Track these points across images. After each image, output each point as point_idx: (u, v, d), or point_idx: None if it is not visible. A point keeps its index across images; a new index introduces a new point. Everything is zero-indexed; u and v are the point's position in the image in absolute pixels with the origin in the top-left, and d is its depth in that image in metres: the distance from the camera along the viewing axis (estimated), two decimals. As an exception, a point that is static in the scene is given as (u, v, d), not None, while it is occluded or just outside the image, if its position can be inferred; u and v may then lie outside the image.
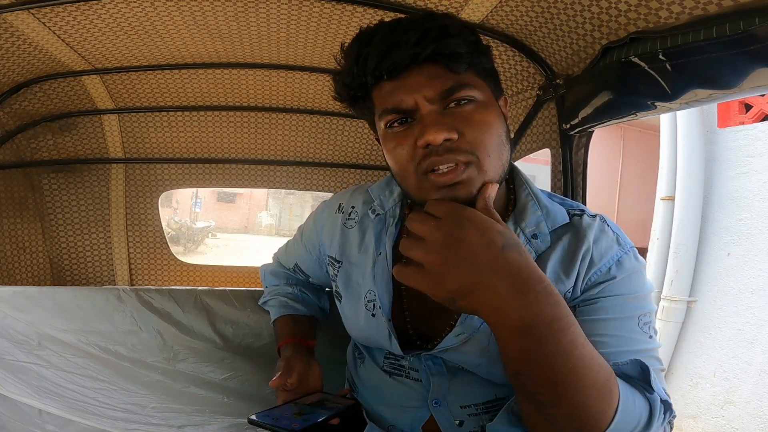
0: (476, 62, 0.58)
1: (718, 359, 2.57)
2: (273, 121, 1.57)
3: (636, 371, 0.55)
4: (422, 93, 0.56)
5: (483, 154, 0.56)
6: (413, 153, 0.57)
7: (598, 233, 0.63)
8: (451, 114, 0.56)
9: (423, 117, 0.56)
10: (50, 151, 1.46)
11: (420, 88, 0.56)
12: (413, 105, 0.56)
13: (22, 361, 0.93)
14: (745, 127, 2.64)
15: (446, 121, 0.55)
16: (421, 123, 0.56)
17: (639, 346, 0.58)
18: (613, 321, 0.59)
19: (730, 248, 2.61)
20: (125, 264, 1.63)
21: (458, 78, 0.56)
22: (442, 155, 0.54)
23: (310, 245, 0.87)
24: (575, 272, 0.62)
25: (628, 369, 0.55)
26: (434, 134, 0.54)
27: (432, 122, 0.55)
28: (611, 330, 0.58)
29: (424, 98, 0.56)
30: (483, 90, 0.59)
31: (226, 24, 1.05)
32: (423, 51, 0.55)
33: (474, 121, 0.56)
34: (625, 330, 0.58)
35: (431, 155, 0.55)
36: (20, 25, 0.98)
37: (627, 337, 0.58)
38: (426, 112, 0.56)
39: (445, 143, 0.54)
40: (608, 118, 0.89)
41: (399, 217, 0.73)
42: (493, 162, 0.57)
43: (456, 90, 0.56)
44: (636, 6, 0.70)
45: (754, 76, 0.60)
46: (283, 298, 0.92)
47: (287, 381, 0.72)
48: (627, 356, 0.56)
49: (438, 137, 0.54)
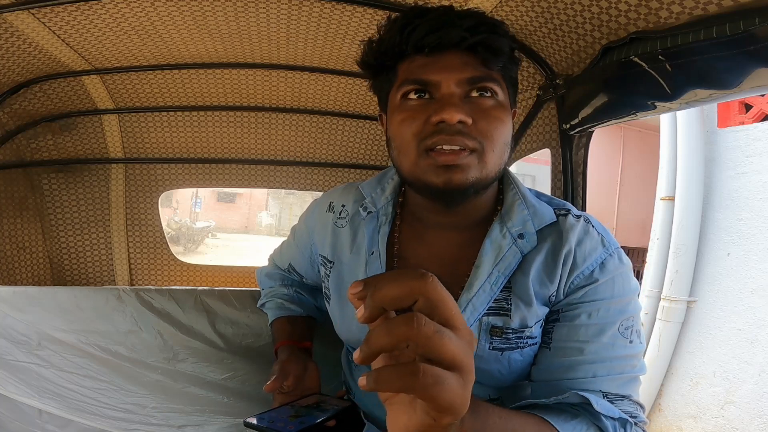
0: (507, 68, 0.62)
1: (718, 359, 2.56)
2: (273, 121, 1.57)
3: (576, 401, 0.55)
4: (452, 74, 0.57)
5: (489, 146, 0.58)
6: (422, 128, 0.58)
7: (581, 235, 0.63)
8: (470, 102, 0.58)
9: (443, 97, 0.58)
10: (50, 151, 1.46)
11: (452, 69, 0.57)
12: (438, 82, 0.58)
13: (22, 361, 0.93)
14: (745, 127, 2.64)
15: (464, 106, 0.57)
16: (438, 102, 0.57)
17: (616, 353, 0.58)
18: (594, 327, 0.59)
19: (730, 248, 2.61)
20: (125, 264, 1.63)
21: (488, 72, 0.59)
22: (451, 135, 0.56)
23: (302, 245, 0.87)
24: (558, 275, 0.62)
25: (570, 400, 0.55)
26: (452, 113, 0.55)
27: (452, 103, 0.56)
28: (591, 336, 0.58)
29: (452, 79, 0.57)
30: (504, 92, 0.62)
31: (226, 24, 1.05)
32: (472, 37, 0.57)
33: (490, 115, 0.58)
34: (605, 336, 0.58)
35: (440, 133, 0.56)
36: (20, 25, 0.98)
37: (606, 344, 0.58)
38: (448, 92, 0.57)
39: (458, 125, 0.56)
40: (608, 118, 0.89)
41: (392, 216, 0.73)
42: (494, 158, 0.59)
43: (483, 80, 0.58)
44: (636, 6, 0.70)
45: (754, 76, 0.60)
46: (279, 300, 0.92)
47: (283, 383, 0.72)
48: (602, 363, 0.57)
49: (455, 116, 0.55)
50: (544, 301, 0.62)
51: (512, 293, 0.63)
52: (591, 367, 0.57)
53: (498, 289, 0.63)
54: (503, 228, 0.65)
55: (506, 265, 0.63)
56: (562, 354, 0.60)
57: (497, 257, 0.63)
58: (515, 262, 0.63)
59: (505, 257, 0.63)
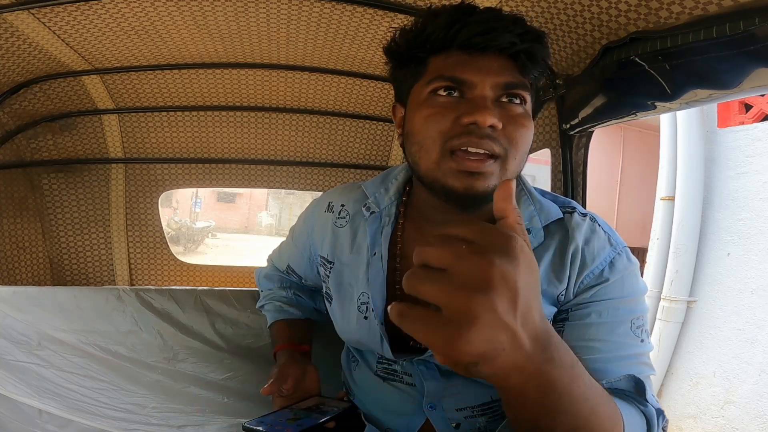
0: (538, 78, 0.62)
1: (718, 359, 2.56)
2: (273, 121, 1.57)
3: (631, 386, 0.55)
4: (490, 77, 0.57)
5: (513, 152, 0.58)
6: (450, 127, 0.57)
7: (588, 233, 0.63)
8: (499, 106, 0.58)
9: (476, 98, 0.57)
10: (50, 151, 1.46)
11: (490, 72, 0.57)
12: (474, 83, 0.57)
13: (22, 361, 0.93)
14: (745, 127, 2.64)
15: (496, 110, 0.57)
16: (471, 102, 0.57)
17: (630, 351, 0.58)
18: (605, 325, 0.58)
19: (730, 248, 2.61)
20: (125, 264, 1.63)
21: (523, 80, 0.59)
22: (480, 138, 0.55)
23: (301, 245, 0.86)
24: (566, 274, 0.61)
25: (622, 385, 0.55)
26: (486, 116, 0.54)
27: (486, 106, 0.56)
28: (603, 335, 0.58)
29: (488, 82, 0.57)
30: (531, 101, 0.62)
31: (226, 24, 1.05)
32: (520, 44, 0.57)
33: (518, 122, 0.58)
34: (617, 335, 0.58)
35: (469, 134, 0.55)
36: (20, 25, 0.98)
37: (619, 342, 0.58)
38: (482, 95, 0.57)
39: (488, 129, 0.55)
40: (608, 118, 0.89)
41: (395, 216, 0.72)
42: (515, 165, 0.59)
43: (517, 86, 0.58)
44: (636, 6, 0.70)
45: (754, 76, 0.60)
46: (278, 303, 0.91)
47: (282, 387, 0.72)
48: (618, 362, 0.57)
49: (489, 120, 0.54)
50: (552, 300, 0.62)
51: None
52: (606, 366, 0.56)
53: None
54: None
55: None
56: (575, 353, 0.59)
57: None
58: None
59: None
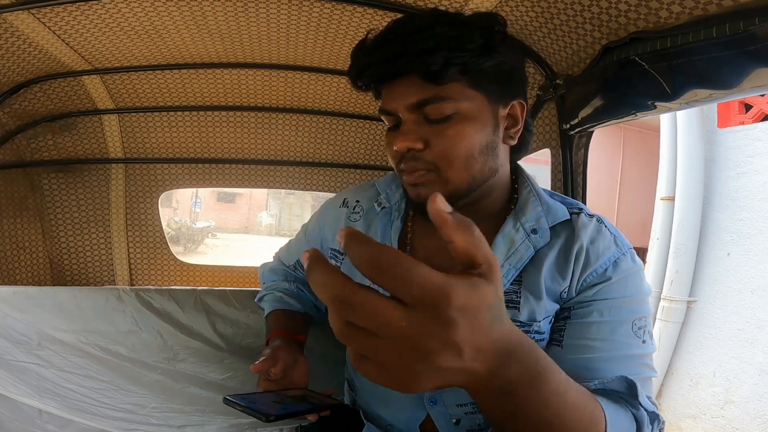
0: (471, 69, 0.58)
1: (718, 359, 2.57)
2: (273, 121, 1.58)
3: (623, 387, 0.55)
4: (401, 101, 0.60)
5: (445, 165, 0.59)
6: (393, 155, 0.63)
7: (594, 233, 0.64)
8: (428, 123, 0.59)
9: (402, 124, 0.61)
10: (50, 151, 1.46)
11: (399, 97, 0.60)
12: (395, 110, 0.61)
13: (22, 361, 0.93)
14: (745, 127, 2.64)
15: (418, 130, 0.59)
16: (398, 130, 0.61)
17: (630, 351, 0.58)
18: (606, 325, 0.59)
19: (730, 248, 2.61)
20: (125, 264, 1.63)
21: (437, 90, 0.57)
22: (407, 162, 0.61)
23: (313, 240, 0.87)
24: (570, 272, 0.62)
25: (614, 386, 0.55)
26: (400, 143, 0.59)
27: (402, 131, 0.60)
28: (604, 334, 0.58)
29: (403, 107, 0.60)
30: (471, 99, 0.59)
31: (226, 24, 1.05)
32: (401, 68, 0.58)
33: (444, 134, 0.59)
34: (618, 334, 0.58)
35: (403, 159, 0.61)
36: (20, 25, 0.98)
37: (619, 342, 0.58)
38: (404, 119, 0.61)
39: (410, 152, 0.60)
40: (608, 118, 0.89)
41: (404, 212, 0.75)
42: (457, 173, 0.60)
43: (430, 101, 0.58)
44: (636, 6, 0.70)
45: (754, 76, 0.60)
46: (278, 293, 0.91)
47: (271, 370, 0.71)
48: (617, 362, 0.57)
49: (402, 146, 0.59)
50: (555, 297, 0.63)
51: (522, 287, 0.63)
52: (605, 365, 0.57)
53: (508, 282, 0.63)
54: (516, 223, 0.66)
55: (518, 258, 0.64)
56: (575, 352, 0.59)
57: (509, 251, 0.64)
58: (527, 256, 0.64)
59: (518, 251, 0.64)
